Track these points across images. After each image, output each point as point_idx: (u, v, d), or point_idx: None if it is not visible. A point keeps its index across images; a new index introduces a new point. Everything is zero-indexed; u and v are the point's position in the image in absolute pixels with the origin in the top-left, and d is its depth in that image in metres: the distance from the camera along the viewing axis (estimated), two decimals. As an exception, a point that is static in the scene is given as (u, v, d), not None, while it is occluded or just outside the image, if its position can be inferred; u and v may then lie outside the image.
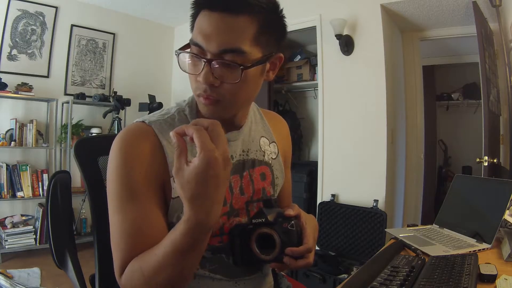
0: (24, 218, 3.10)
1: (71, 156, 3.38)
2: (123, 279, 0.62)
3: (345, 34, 2.70)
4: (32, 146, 3.18)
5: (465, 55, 3.93)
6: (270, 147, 0.86)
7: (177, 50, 0.67)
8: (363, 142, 2.67)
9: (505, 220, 1.01)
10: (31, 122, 3.19)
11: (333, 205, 2.71)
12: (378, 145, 2.60)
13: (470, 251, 0.94)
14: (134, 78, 4.00)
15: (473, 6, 2.26)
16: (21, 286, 2.18)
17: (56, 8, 3.42)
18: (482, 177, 1.99)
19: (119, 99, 3.47)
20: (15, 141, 3.09)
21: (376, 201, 2.52)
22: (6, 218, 3.02)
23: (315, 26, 2.92)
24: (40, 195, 3.20)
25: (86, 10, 3.63)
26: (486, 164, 2.02)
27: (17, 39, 3.23)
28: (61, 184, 0.92)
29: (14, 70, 3.20)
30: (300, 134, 3.82)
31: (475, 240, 1.02)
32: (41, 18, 3.35)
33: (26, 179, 3.14)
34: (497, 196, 1.05)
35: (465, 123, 4.34)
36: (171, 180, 0.69)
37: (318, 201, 2.85)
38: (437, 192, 4.24)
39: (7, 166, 3.08)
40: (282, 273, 0.94)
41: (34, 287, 2.31)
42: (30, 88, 3.15)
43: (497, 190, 1.08)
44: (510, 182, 1.06)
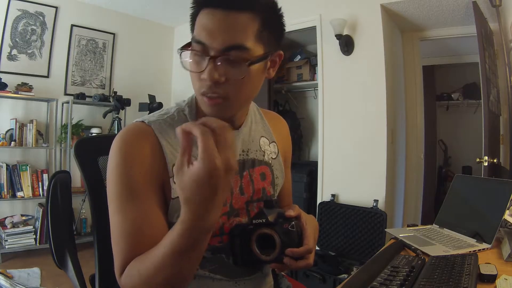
0: (24, 218, 3.10)
1: (71, 156, 3.38)
2: (123, 279, 0.62)
3: (345, 34, 2.70)
4: (32, 146, 3.18)
5: (465, 55, 3.93)
6: (270, 147, 0.86)
7: (179, 49, 0.66)
8: (363, 142, 2.67)
9: (505, 220, 1.01)
10: (31, 122, 3.19)
11: (333, 205, 2.71)
12: (378, 145, 2.60)
13: (470, 251, 0.94)
14: (134, 78, 4.00)
15: (473, 6, 2.26)
16: (21, 286, 2.18)
17: (56, 8, 3.42)
18: (482, 177, 1.99)
19: (119, 99, 3.47)
20: (15, 141, 3.09)
21: (376, 201, 2.52)
22: (6, 218, 3.02)
23: (315, 26, 2.92)
24: (40, 195, 3.20)
25: (86, 10, 3.63)
26: (486, 164, 2.02)
27: (17, 39, 3.23)
28: (61, 184, 0.92)
29: (14, 70, 3.20)
30: (300, 134, 3.81)
31: (475, 240, 1.02)
32: (41, 18, 3.35)
33: (26, 179, 3.14)
34: (497, 196, 1.05)
35: (465, 123, 4.34)
36: (171, 180, 0.69)
37: (318, 201, 2.85)
38: (437, 192, 4.24)
39: (7, 166, 3.08)
40: (282, 273, 0.94)
41: (34, 287, 2.31)
42: (30, 88, 3.15)
43: (497, 190, 1.08)
44: (510, 182, 1.06)
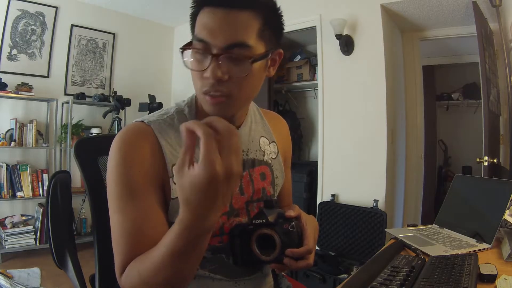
0: (24, 218, 3.10)
1: (71, 156, 3.38)
2: (123, 279, 0.62)
3: (345, 34, 2.70)
4: (32, 146, 3.18)
5: (465, 55, 3.93)
6: (270, 147, 0.86)
7: (181, 48, 0.66)
8: (363, 142, 2.67)
9: (505, 220, 1.01)
10: (31, 122, 3.19)
11: (333, 205, 2.71)
12: (378, 145, 2.60)
13: (470, 251, 0.94)
14: (134, 78, 4.00)
15: (473, 6, 2.26)
16: (21, 286, 2.18)
17: (56, 8, 3.42)
18: (482, 177, 1.99)
19: (119, 99, 3.47)
20: (15, 141, 3.09)
21: (376, 201, 2.52)
22: (6, 218, 3.02)
23: (315, 26, 2.92)
24: (40, 195, 3.20)
25: (86, 10, 3.63)
26: (486, 164, 2.02)
27: (17, 39, 3.23)
28: (61, 184, 0.92)
29: (14, 70, 3.20)
30: (300, 134, 3.81)
31: (475, 240, 1.02)
32: (41, 18, 3.35)
33: (26, 179, 3.14)
34: (497, 196, 1.05)
35: (465, 123, 4.34)
36: (171, 180, 0.69)
37: (318, 201, 2.84)
38: (437, 192, 4.24)
39: (7, 166, 3.08)
40: (282, 273, 0.94)
41: (34, 287, 2.31)
42: (30, 88, 3.15)
43: (497, 190, 1.08)
44: (510, 182, 1.06)
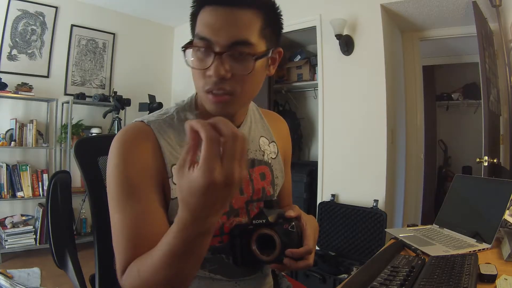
0: (24, 218, 3.10)
1: (71, 156, 3.38)
2: (124, 279, 0.62)
3: (345, 34, 2.70)
4: (32, 146, 3.18)
5: (465, 55, 3.93)
6: (269, 147, 0.86)
7: (182, 47, 0.66)
8: (363, 142, 2.67)
9: (505, 220, 1.01)
10: (31, 122, 3.19)
11: (333, 205, 2.71)
12: (378, 145, 2.60)
13: (470, 251, 0.93)
14: (134, 78, 4.00)
15: (473, 6, 2.26)
16: (21, 286, 2.18)
17: (56, 8, 3.42)
18: (482, 177, 1.99)
19: (119, 99, 3.47)
20: (15, 141, 3.09)
21: (376, 201, 2.52)
22: (6, 218, 3.02)
23: (315, 26, 2.92)
24: (40, 195, 3.20)
25: (86, 10, 3.63)
26: (486, 164, 2.02)
27: (17, 39, 3.23)
28: (61, 184, 0.92)
29: (14, 70, 3.20)
30: (300, 134, 3.81)
31: (475, 240, 1.02)
32: (41, 18, 3.35)
33: (26, 179, 3.14)
34: (497, 196, 1.05)
35: (465, 123, 4.34)
36: (170, 180, 0.69)
37: (318, 201, 2.84)
38: (437, 192, 4.24)
39: (7, 166, 3.08)
40: (282, 273, 0.94)
41: (34, 287, 2.31)
42: (30, 88, 3.15)
43: (497, 190, 1.08)
44: (510, 182, 1.06)
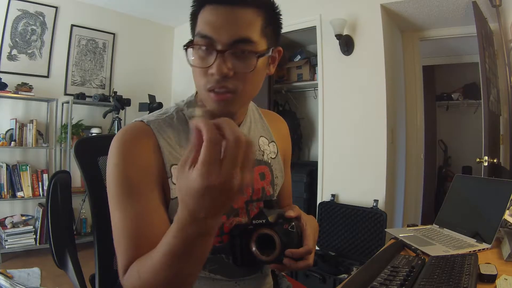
0: (24, 218, 3.10)
1: (71, 156, 3.38)
2: (125, 280, 0.61)
3: (345, 34, 2.70)
4: (32, 146, 3.18)
5: (465, 55, 3.93)
6: (269, 147, 0.86)
7: (184, 45, 0.66)
8: (363, 142, 2.67)
9: (505, 220, 1.01)
10: (31, 122, 3.19)
11: (333, 205, 2.71)
12: (378, 145, 2.60)
13: (470, 251, 0.93)
14: (134, 78, 4.00)
15: (473, 6, 2.26)
16: (21, 286, 2.18)
17: (56, 8, 3.42)
18: (482, 177, 1.99)
19: (119, 99, 3.47)
20: (15, 141, 3.09)
21: (376, 201, 2.52)
22: (6, 218, 3.02)
23: (315, 26, 2.92)
24: (40, 195, 3.20)
25: (86, 10, 3.63)
26: (486, 164, 2.02)
27: (17, 39, 3.23)
28: (61, 184, 0.92)
29: (14, 70, 3.20)
30: (300, 134, 3.81)
31: (475, 240, 1.02)
32: (41, 18, 3.35)
33: (26, 179, 3.14)
34: (497, 196, 1.05)
35: (465, 123, 4.34)
36: (169, 180, 0.69)
37: (318, 201, 2.84)
38: (437, 192, 4.24)
39: (7, 166, 3.07)
40: (282, 273, 0.94)
41: (34, 287, 2.31)
42: (30, 88, 3.15)
43: (497, 190, 1.08)
44: (510, 182, 1.06)
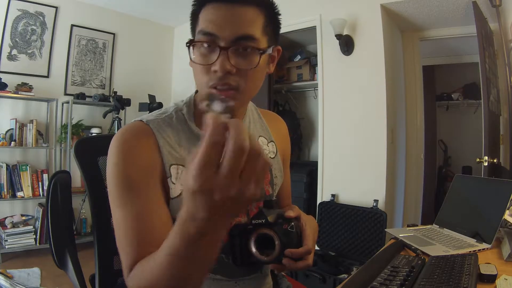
0: (24, 218, 3.10)
1: (71, 156, 3.38)
2: (129, 280, 0.60)
3: (345, 34, 2.70)
4: (32, 146, 3.18)
5: (465, 55, 3.93)
6: (268, 147, 0.87)
7: (187, 42, 0.66)
8: (363, 142, 2.67)
9: (505, 220, 1.01)
10: (31, 122, 3.19)
11: (333, 205, 2.71)
12: (378, 145, 2.60)
13: (470, 251, 0.93)
14: (134, 78, 4.00)
15: (473, 6, 2.26)
16: (21, 286, 2.18)
17: (56, 8, 3.42)
18: (482, 177, 1.99)
19: (119, 99, 3.47)
20: (15, 141, 3.09)
21: (376, 201, 2.52)
22: (6, 218, 3.02)
23: (315, 26, 2.92)
24: (40, 195, 3.20)
25: (86, 10, 3.63)
26: (486, 164, 2.02)
27: (17, 39, 3.23)
28: (61, 184, 0.92)
29: (14, 70, 3.20)
30: (300, 134, 3.81)
31: (475, 240, 1.02)
32: (41, 18, 3.35)
33: (26, 179, 3.14)
34: (497, 196, 1.05)
35: (465, 123, 4.33)
36: (169, 180, 0.69)
37: (318, 201, 2.84)
38: (437, 192, 4.24)
39: (7, 166, 3.07)
40: (282, 273, 0.94)
41: (34, 287, 2.31)
42: (30, 88, 3.15)
43: (497, 190, 1.08)
44: (510, 182, 1.06)
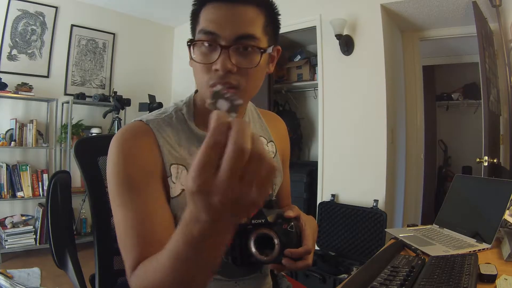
0: (24, 218, 3.10)
1: (71, 156, 3.38)
2: (132, 280, 0.59)
3: (345, 34, 2.70)
4: (32, 146, 3.18)
5: (465, 55, 3.93)
6: (267, 147, 0.87)
7: (188, 41, 0.66)
8: (363, 142, 2.67)
9: (505, 220, 1.01)
10: (31, 122, 3.19)
11: (333, 205, 2.71)
12: (378, 145, 2.60)
13: (470, 251, 0.93)
14: (134, 78, 4.00)
15: (473, 6, 2.26)
16: (21, 286, 2.18)
17: (56, 8, 3.42)
18: (482, 177, 1.99)
19: (119, 99, 3.47)
20: (15, 141, 3.09)
21: (376, 201, 2.52)
22: (6, 218, 3.02)
23: (315, 26, 2.92)
24: (40, 195, 3.20)
25: (86, 10, 3.63)
26: (486, 164, 2.02)
27: (17, 39, 3.23)
28: (61, 184, 0.92)
29: (14, 70, 3.20)
30: (300, 134, 3.81)
31: (475, 240, 1.02)
32: (41, 18, 3.35)
33: (26, 179, 3.14)
34: (497, 196, 1.05)
35: (465, 123, 4.33)
36: (169, 179, 0.69)
37: (318, 201, 2.84)
38: (437, 192, 4.24)
39: (7, 166, 3.07)
40: (282, 273, 0.94)
41: (34, 287, 2.31)
42: (30, 88, 3.15)
43: (497, 190, 1.08)
44: (510, 182, 1.06)
